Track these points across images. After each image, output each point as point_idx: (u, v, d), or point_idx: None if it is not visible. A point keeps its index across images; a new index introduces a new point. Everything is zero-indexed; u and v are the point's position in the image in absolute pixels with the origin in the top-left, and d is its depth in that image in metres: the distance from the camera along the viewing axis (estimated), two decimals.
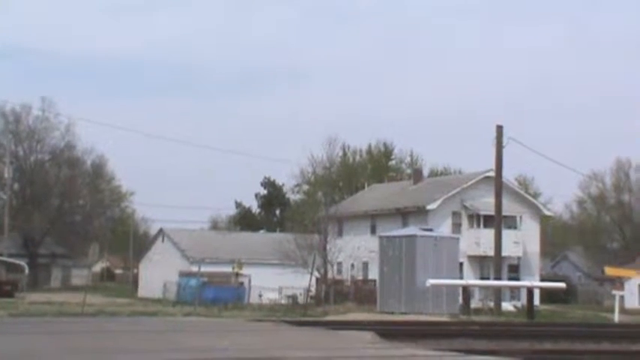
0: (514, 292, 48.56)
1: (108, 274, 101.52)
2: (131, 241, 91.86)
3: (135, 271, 77.58)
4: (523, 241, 51.27)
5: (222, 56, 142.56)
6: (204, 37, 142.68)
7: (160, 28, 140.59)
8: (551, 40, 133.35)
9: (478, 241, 49.90)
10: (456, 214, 51.32)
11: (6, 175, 66.68)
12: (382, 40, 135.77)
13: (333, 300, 44.12)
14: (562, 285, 43.49)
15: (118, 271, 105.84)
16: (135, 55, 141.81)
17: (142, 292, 62.50)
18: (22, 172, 76.46)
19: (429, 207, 50.02)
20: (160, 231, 66.13)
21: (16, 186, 76.17)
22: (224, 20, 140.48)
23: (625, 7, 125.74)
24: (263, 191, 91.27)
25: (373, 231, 52.61)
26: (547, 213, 56.96)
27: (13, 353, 14.84)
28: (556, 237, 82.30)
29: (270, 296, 50.24)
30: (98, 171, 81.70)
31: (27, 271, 59.88)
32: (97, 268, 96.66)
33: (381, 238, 39.07)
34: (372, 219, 54.71)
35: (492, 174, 43.51)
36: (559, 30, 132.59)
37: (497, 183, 41.12)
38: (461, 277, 41.29)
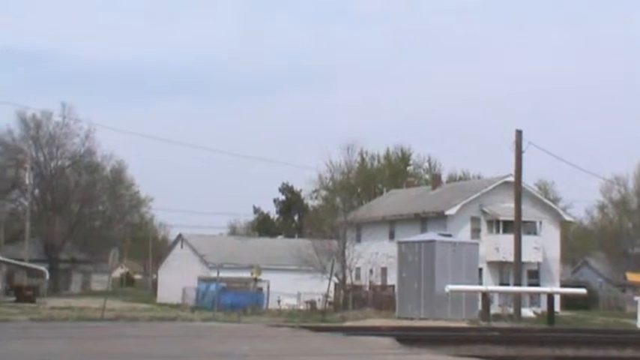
0: (534, 298, 48.28)
1: (127, 280, 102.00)
2: (150, 247, 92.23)
3: (154, 276, 77.90)
4: (543, 246, 50.99)
5: (240, 61, 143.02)
6: (223, 42, 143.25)
7: (179, 33, 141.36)
8: (573, 43, 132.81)
9: (497, 246, 49.68)
10: (475, 220, 51.12)
11: (27, 181, 67.17)
12: (399, 44, 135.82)
13: (351, 306, 44.10)
14: (583, 291, 43.16)
15: (138, 277, 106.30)
16: (152, 60, 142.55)
17: (161, 297, 62.72)
18: (42, 178, 77.00)
19: (447, 212, 49.85)
20: (179, 236, 66.38)
21: (36, 192, 76.73)
22: (242, 24, 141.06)
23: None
24: (281, 197, 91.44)
25: (392, 236, 52.51)
26: (567, 218, 56.60)
27: (34, 357, 14.91)
28: (576, 242, 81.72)
29: (289, 302, 50.31)
30: (118, 177, 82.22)
31: (47, 276, 60.23)
32: (117, 273, 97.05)
33: (399, 243, 38.95)
34: (391, 224, 54.60)
35: (512, 179, 43.31)
36: (578, 32, 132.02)
37: (517, 188, 40.90)
38: (480, 283, 41.10)
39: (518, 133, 40.08)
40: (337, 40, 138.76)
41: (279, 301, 50.57)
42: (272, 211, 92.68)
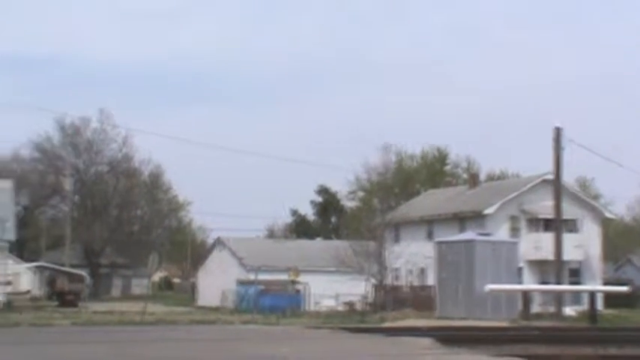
0: (576, 297, 47.72)
1: (166, 284, 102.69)
2: (189, 250, 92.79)
3: (193, 279, 78.36)
4: (584, 244, 50.40)
5: (276, 63, 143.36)
6: (254, 43, 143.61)
7: (209, 35, 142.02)
8: (610, 38, 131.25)
9: (537, 245, 49.21)
10: (514, 219, 50.68)
11: (67, 188, 67.95)
12: (433, 42, 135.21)
13: (390, 306, 43.93)
14: (625, 289, 42.61)
15: (177, 280, 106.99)
16: (183, 63, 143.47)
17: (200, 300, 63.04)
18: (82, 184, 77.84)
19: (486, 211, 49.49)
20: (218, 240, 66.64)
21: (76, 198, 77.59)
22: (273, 24, 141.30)
23: None
24: (318, 199, 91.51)
25: (430, 237, 52.25)
26: (608, 215, 55.86)
27: None
28: (618, 240, 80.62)
29: (327, 303, 50.25)
30: (155, 181, 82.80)
31: (89, 281, 60.90)
32: (156, 277, 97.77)
33: (438, 243, 38.74)
34: (429, 224, 54.34)
35: (551, 176, 42.86)
36: (614, 28, 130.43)
37: (557, 186, 40.48)
38: (520, 282, 40.72)
39: (557, 130, 39.68)
40: (371, 38, 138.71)
41: (317, 303, 50.53)
42: (309, 213, 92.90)
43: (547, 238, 45.89)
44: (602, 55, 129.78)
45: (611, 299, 51.12)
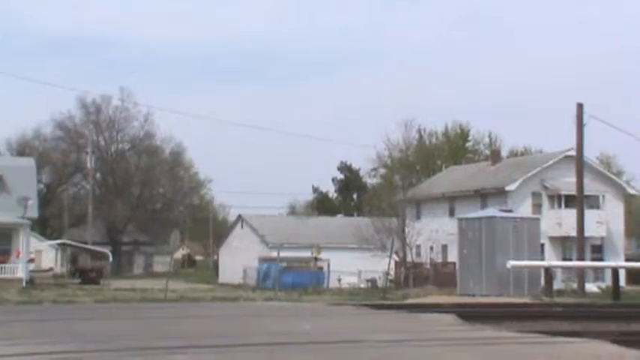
0: (598, 273, 47.53)
1: (189, 261, 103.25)
2: (211, 228, 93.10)
3: (215, 257, 78.69)
4: (606, 220, 50.11)
5: (297, 41, 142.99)
6: (278, 23, 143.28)
7: (233, 17, 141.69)
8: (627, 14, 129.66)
9: (559, 221, 49.00)
10: (536, 195, 50.44)
11: (89, 165, 68.32)
12: (458, 20, 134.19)
13: (412, 283, 43.96)
14: None
15: (199, 258, 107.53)
16: (208, 43, 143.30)
17: (222, 277, 63.35)
18: (103, 162, 78.20)
19: (508, 188, 49.28)
20: (239, 217, 66.84)
21: (98, 175, 77.98)
22: (297, 4, 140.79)
23: None
24: (340, 176, 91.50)
25: (452, 213, 52.13)
26: (631, 191, 55.45)
27: (101, 338, 15.14)
28: None
29: (350, 280, 50.34)
30: (177, 159, 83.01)
31: (111, 258, 61.33)
32: (178, 254, 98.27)
33: (459, 220, 38.64)
34: (450, 201, 54.21)
35: (573, 153, 42.56)
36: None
37: (579, 162, 40.20)
38: (542, 259, 40.59)
39: (579, 106, 39.35)
40: (395, 17, 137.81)
41: (339, 280, 50.65)
42: (331, 190, 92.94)
43: (569, 215, 45.65)
44: (622, 33, 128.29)
45: (633, 275, 50.79)
